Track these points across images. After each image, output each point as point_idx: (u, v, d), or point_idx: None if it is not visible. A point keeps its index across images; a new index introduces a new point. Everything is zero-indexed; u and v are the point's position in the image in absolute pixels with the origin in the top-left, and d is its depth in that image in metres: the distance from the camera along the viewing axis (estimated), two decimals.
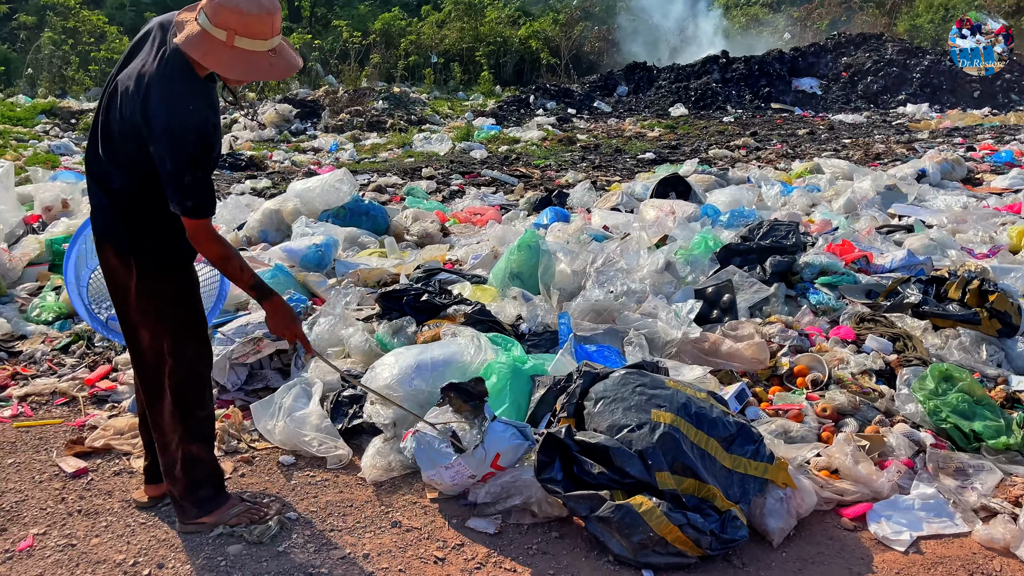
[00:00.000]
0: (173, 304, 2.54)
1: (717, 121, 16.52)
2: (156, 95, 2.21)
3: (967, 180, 8.41)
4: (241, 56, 2.21)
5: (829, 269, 4.38)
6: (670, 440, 2.70)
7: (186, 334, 2.58)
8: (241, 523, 2.76)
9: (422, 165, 10.66)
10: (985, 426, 3.19)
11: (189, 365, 2.60)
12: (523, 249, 4.23)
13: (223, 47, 2.19)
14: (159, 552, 2.67)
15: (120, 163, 2.38)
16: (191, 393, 2.62)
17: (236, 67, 2.22)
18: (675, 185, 6.67)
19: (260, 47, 2.23)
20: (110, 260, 2.50)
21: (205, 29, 2.18)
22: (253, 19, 2.18)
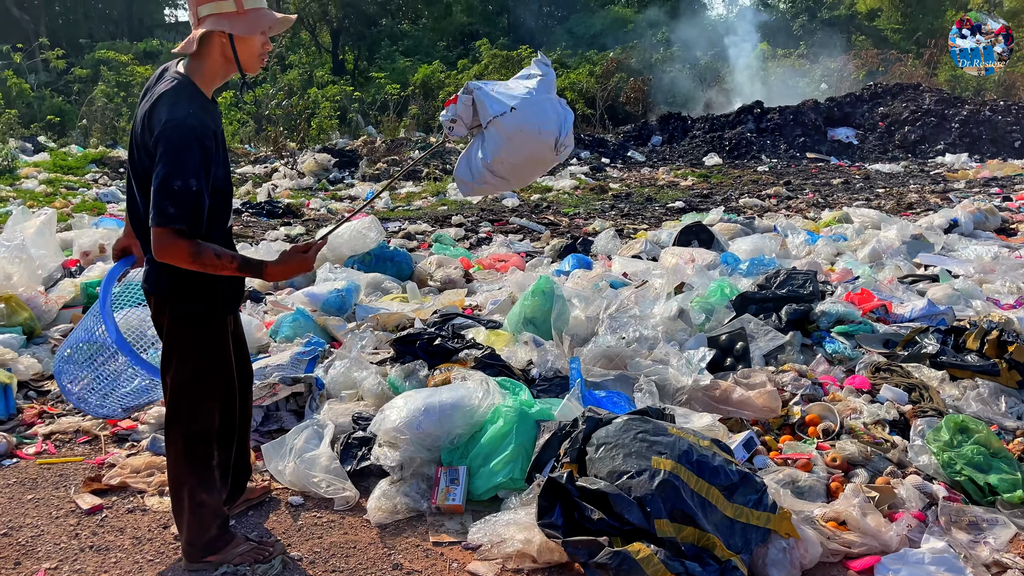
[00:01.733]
0: (202, 354, 2.61)
1: (751, 170, 16.53)
2: (161, 103, 2.34)
3: (1001, 230, 8.29)
4: (255, 14, 2.41)
5: (846, 318, 4.34)
6: (670, 487, 2.69)
7: (212, 385, 2.64)
8: (245, 562, 2.80)
9: (453, 213, 10.83)
10: (1001, 479, 3.12)
11: (208, 416, 2.66)
12: (537, 294, 4.28)
13: (236, 14, 2.38)
14: None
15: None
16: (206, 443, 2.67)
17: (256, 23, 2.41)
18: (698, 233, 6.70)
19: (261, 3, 2.44)
20: (152, 308, 2.62)
21: (214, 12, 2.36)
22: None
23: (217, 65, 2.46)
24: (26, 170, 13.57)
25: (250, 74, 2.52)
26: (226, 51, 2.43)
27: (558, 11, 38.48)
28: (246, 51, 2.44)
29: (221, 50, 2.43)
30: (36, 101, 20.87)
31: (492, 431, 3.25)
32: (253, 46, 2.45)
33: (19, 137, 17.26)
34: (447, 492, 3.15)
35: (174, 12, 39.26)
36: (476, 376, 3.50)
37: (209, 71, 2.46)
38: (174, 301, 2.54)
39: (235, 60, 2.44)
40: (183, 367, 2.60)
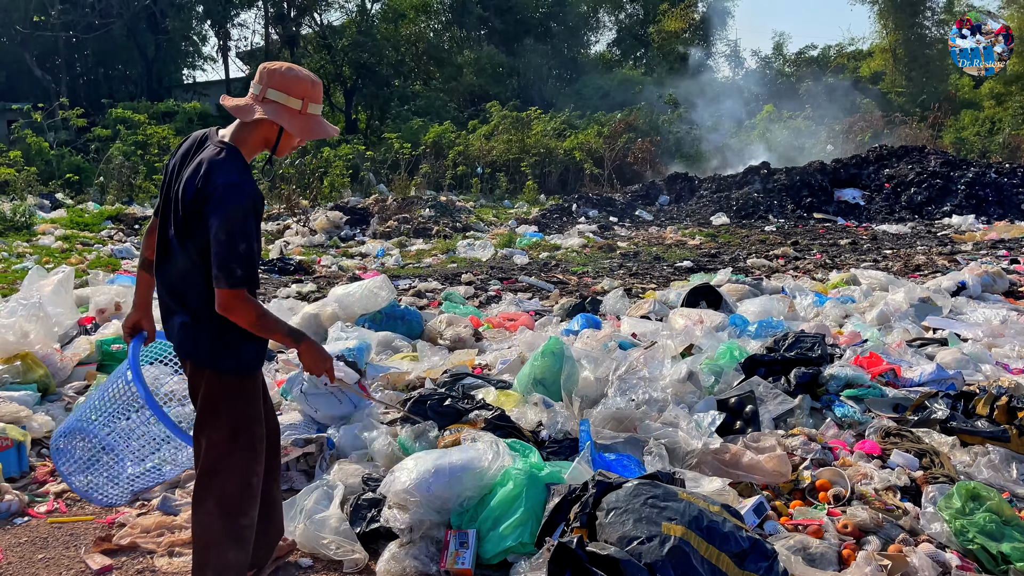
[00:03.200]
0: (236, 413, 2.66)
1: (759, 230, 16.66)
2: (217, 169, 2.45)
3: (1009, 293, 8.30)
4: (312, 119, 2.61)
5: (855, 382, 4.35)
6: (680, 554, 2.68)
7: (244, 445, 2.68)
8: None
9: (463, 271, 10.93)
10: (1014, 548, 3.09)
11: (241, 473, 2.69)
12: (547, 355, 4.32)
13: (298, 114, 2.57)
14: None
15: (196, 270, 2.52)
16: (239, 501, 2.69)
17: (311, 129, 2.61)
18: (706, 295, 6.74)
19: (318, 111, 2.64)
20: (190, 374, 2.69)
21: (280, 102, 2.54)
22: (317, 87, 2.63)
23: (259, 143, 2.63)
24: (43, 226, 13.80)
25: (276, 157, 2.73)
26: (270, 137, 2.61)
27: (567, 73, 39.35)
28: (287, 144, 2.64)
29: (266, 133, 2.60)
30: (55, 159, 21.30)
31: (502, 494, 3.25)
32: (293, 142, 2.65)
33: (37, 194, 17.58)
34: (456, 556, 3.14)
35: (191, 73, 40.27)
36: (486, 437, 3.51)
37: (252, 145, 2.61)
38: (215, 360, 2.60)
39: (273, 146, 2.64)
40: (223, 425, 2.65)
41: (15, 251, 11.45)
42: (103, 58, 35.36)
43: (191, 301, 2.59)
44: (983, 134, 28.62)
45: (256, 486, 2.75)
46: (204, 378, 2.62)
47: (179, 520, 3.57)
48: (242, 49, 38.04)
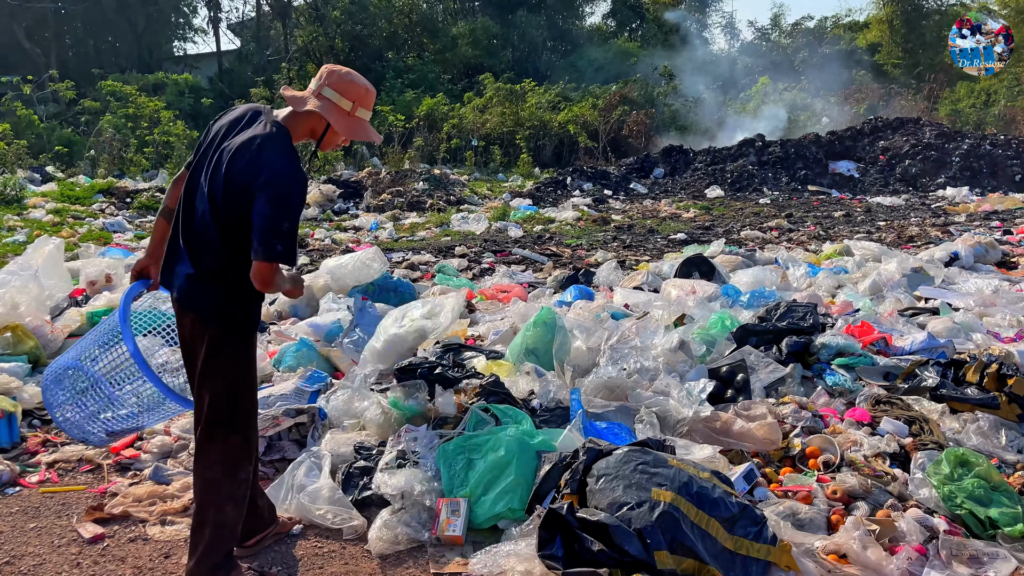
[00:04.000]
0: (238, 368, 2.74)
1: (753, 203, 16.63)
2: (271, 149, 2.55)
3: (1002, 263, 8.32)
4: (358, 124, 2.75)
5: (846, 350, 4.36)
6: (669, 519, 2.70)
7: (245, 398, 2.78)
8: None
9: (457, 244, 10.90)
10: (1002, 513, 3.12)
11: (243, 426, 2.79)
12: (539, 325, 4.31)
13: (346, 115, 2.71)
14: None
15: (223, 226, 2.60)
16: (240, 455, 2.79)
17: (356, 131, 2.74)
18: (699, 265, 6.73)
19: (367, 117, 2.79)
20: (189, 326, 2.72)
21: (332, 100, 2.68)
22: (370, 95, 2.78)
23: (306, 133, 2.74)
24: (34, 200, 13.70)
25: (320, 151, 2.89)
26: (317, 129, 2.73)
27: (561, 45, 38.99)
28: (332, 140, 2.78)
29: (315, 125, 2.72)
30: (45, 132, 21.11)
31: (492, 459, 3.26)
32: (337, 139, 2.79)
33: (28, 167, 17.43)
34: (448, 523, 3.15)
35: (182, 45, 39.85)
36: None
37: (300, 133, 2.72)
38: (222, 314, 2.67)
39: (319, 139, 2.76)
40: (230, 376, 2.72)
41: (5, 224, 11.37)
42: (93, 30, 34.94)
43: (204, 259, 2.65)
44: (979, 106, 28.48)
45: (254, 441, 2.86)
46: (208, 334, 2.67)
47: (171, 489, 3.58)
48: (233, 21, 37.67)
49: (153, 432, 4.12)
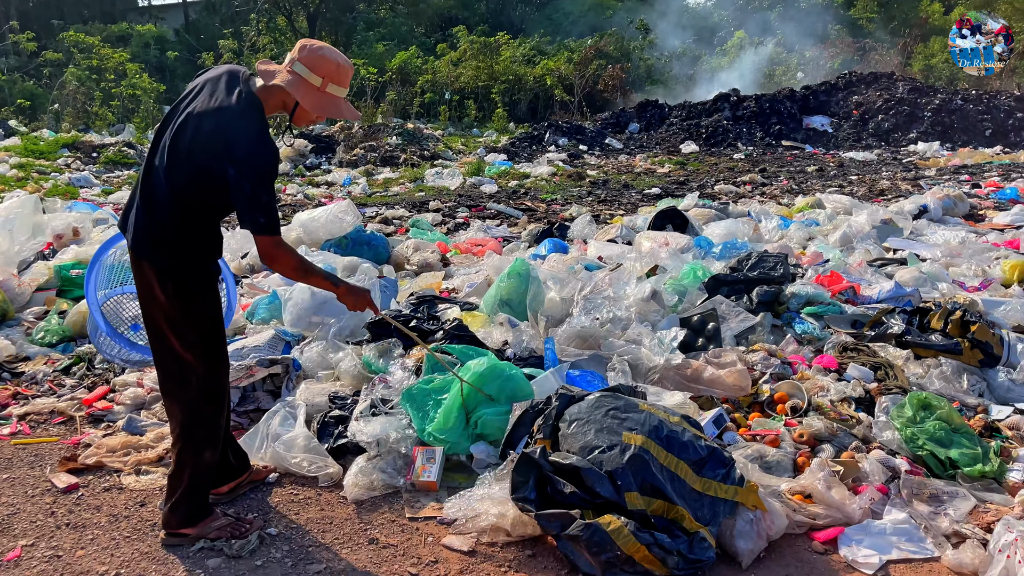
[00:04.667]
0: (198, 319, 2.73)
1: (728, 158, 16.65)
2: (241, 125, 2.55)
3: (970, 216, 8.44)
4: (329, 101, 2.68)
5: (815, 299, 4.43)
6: (639, 461, 2.75)
7: (208, 347, 2.77)
8: (222, 537, 2.84)
9: (431, 199, 10.83)
10: (961, 454, 3.22)
11: (211, 375, 2.78)
12: (513, 276, 4.33)
13: (316, 91, 2.66)
14: (141, 564, 2.74)
15: (177, 187, 2.59)
16: (211, 401, 2.80)
17: (325, 107, 2.69)
18: (672, 218, 6.76)
19: (341, 94, 2.72)
20: (146, 277, 2.68)
21: (302, 75, 2.63)
22: (343, 71, 2.70)
23: (277, 106, 2.72)
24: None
25: (294, 126, 2.87)
26: (288, 104, 2.70)
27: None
28: (301, 116, 2.74)
29: (285, 100, 2.69)
30: (6, 85, 20.52)
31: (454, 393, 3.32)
32: (309, 116, 2.74)
33: None
34: (423, 469, 3.19)
35: None
36: None
37: (272, 106, 2.70)
38: (180, 266, 2.65)
39: (289, 116, 2.75)
40: (195, 325, 2.71)
41: None
42: None
43: (158, 213, 2.63)
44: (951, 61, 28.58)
45: (226, 387, 2.86)
46: (163, 289, 2.65)
47: (145, 440, 3.58)
48: None
49: (126, 384, 4.10)
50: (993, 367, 3.85)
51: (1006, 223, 7.88)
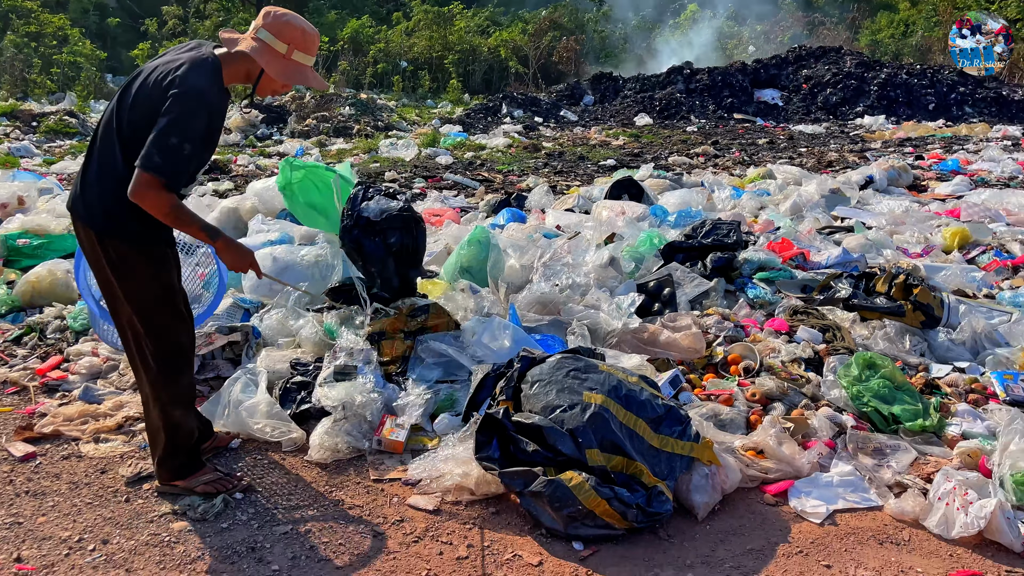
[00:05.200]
0: (150, 283, 2.68)
1: (681, 131, 16.82)
2: (190, 68, 2.48)
3: (913, 187, 8.70)
4: (295, 68, 2.63)
5: (767, 265, 4.55)
6: (600, 419, 2.83)
7: (165, 309, 2.72)
8: (210, 491, 2.88)
9: (386, 169, 10.76)
10: (904, 410, 3.37)
11: (169, 337, 2.75)
12: (473, 244, 4.36)
13: (282, 58, 2.61)
14: (104, 529, 2.74)
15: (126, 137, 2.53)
16: (173, 362, 2.77)
17: (291, 75, 2.63)
18: (628, 188, 6.85)
19: (307, 62, 2.67)
20: (94, 243, 2.62)
21: (267, 42, 2.59)
22: (309, 38, 2.65)
23: (240, 75, 2.65)
24: None
25: (257, 97, 2.76)
26: (252, 72, 2.64)
27: None
28: (266, 85, 2.68)
29: (249, 69, 2.63)
30: None
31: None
32: (274, 85, 2.68)
33: None
34: (392, 431, 3.24)
35: None
36: None
37: (234, 74, 2.63)
38: (119, 227, 2.59)
39: (253, 84, 2.67)
40: (144, 285, 2.66)
41: None
42: None
43: (105, 179, 2.59)
44: (897, 36, 29.18)
45: (187, 347, 2.82)
46: (113, 248, 2.61)
47: (103, 408, 3.55)
48: None
49: (80, 353, 4.05)
50: (934, 328, 4.02)
51: (947, 193, 8.16)
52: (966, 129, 16.06)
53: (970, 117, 18.67)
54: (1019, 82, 22.74)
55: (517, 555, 2.66)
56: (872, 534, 2.78)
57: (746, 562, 2.63)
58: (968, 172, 9.52)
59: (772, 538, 2.76)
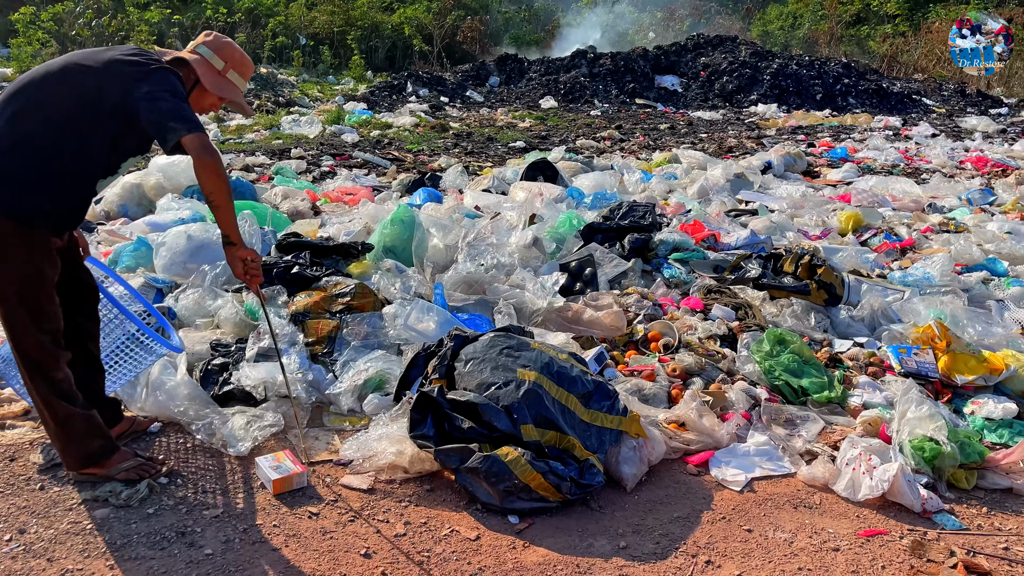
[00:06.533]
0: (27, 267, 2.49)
1: (585, 114, 17.05)
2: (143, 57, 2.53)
3: (807, 172, 9.16)
4: (228, 83, 2.77)
5: (681, 246, 4.72)
6: (534, 396, 2.89)
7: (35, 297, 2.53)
8: (131, 478, 2.76)
9: (291, 147, 10.48)
10: (811, 383, 3.59)
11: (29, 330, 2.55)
12: (396, 223, 4.33)
13: (217, 73, 2.75)
14: (20, 518, 2.62)
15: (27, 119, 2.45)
16: (40, 358, 2.58)
17: (224, 89, 2.75)
18: (543, 170, 6.93)
19: (240, 84, 2.82)
20: None
21: (205, 57, 2.73)
22: (246, 63, 2.83)
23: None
24: None
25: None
26: (186, 83, 2.66)
27: None
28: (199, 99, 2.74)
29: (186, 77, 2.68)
30: None
31: None
32: (207, 98, 2.76)
33: None
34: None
35: None
36: None
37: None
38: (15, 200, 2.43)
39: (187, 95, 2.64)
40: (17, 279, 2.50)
41: None
42: None
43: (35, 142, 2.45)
44: (786, 28, 30.42)
45: (49, 344, 2.58)
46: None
47: (5, 395, 3.36)
48: None
49: None
50: (836, 306, 4.28)
51: (838, 179, 8.63)
52: (851, 119, 16.96)
53: (854, 108, 19.70)
54: (896, 75, 24.20)
55: (454, 530, 2.69)
56: (787, 499, 2.96)
57: (673, 529, 2.76)
58: (856, 160, 10.08)
59: (696, 506, 2.89)
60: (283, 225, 5.05)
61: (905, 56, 25.63)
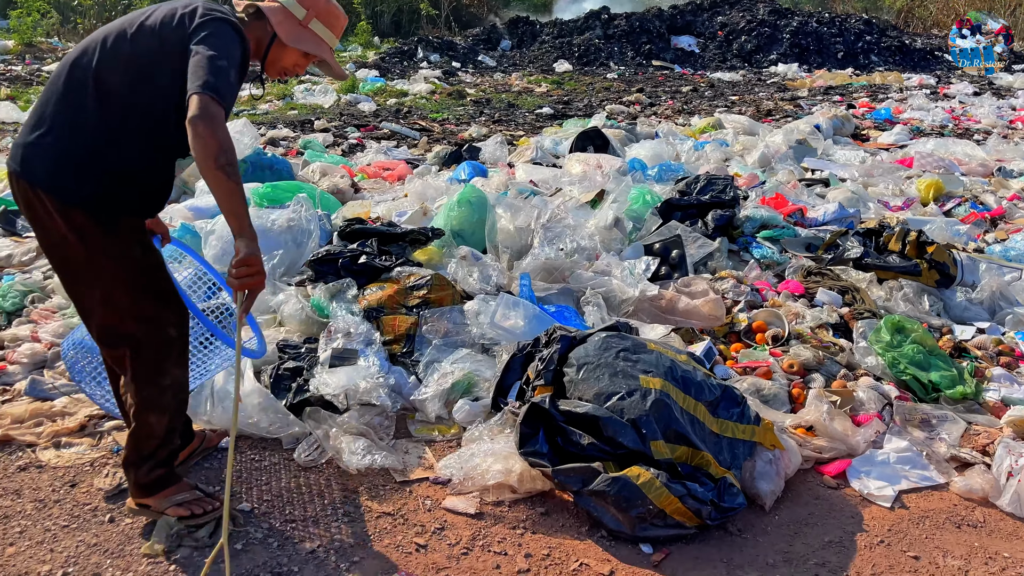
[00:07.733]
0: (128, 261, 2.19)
1: (602, 77, 16.53)
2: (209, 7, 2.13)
3: (855, 136, 8.73)
4: (310, 35, 2.32)
5: (769, 223, 4.35)
6: (662, 407, 2.55)
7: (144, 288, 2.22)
8: (183, 514, 2.39)
9: (310, 117, 10.05)
10: (941, 376, 3.24)
11: (150, 325, 2.24)
12: (464, 204, 3.96)
13: (297, 23, 2.30)
14: (91, 559, 2.29)
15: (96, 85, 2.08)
16: (154, 359, 2.27)
17: (304, 42, 2.31)
18: (594, 139, 6.51)
19: (327, 38, 2.36)
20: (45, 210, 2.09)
21: (284, 4, 2.29)
22: (333, 11, 2.37)
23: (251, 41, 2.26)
24: None
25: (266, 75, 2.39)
26: (261, 44, 2.30)
27: None
28: (276, 57, 2.32)
29: (259, 37, 2.29)
30: None
31: None
32: (283, 58, 2.33)
33: None
34: None
35: None
36: None
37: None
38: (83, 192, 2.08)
39: (264, 54, 2.31)
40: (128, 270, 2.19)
41: None
42: None
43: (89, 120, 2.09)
44: None
45: (176, 339, 2.30)
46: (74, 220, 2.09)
47: (58, 406, 3.02)
48: None
49: (16, 339, 3.47)
50: (948, 287, 3.92)
51: (890, 143, 8.20)
52: (880, 77, 16.43)
53: (876, 65, 19.13)
54: (916, 31, 23.55)
55: (583, 563, 2.37)
56: (946, 516, 2.63)
57: (829, 557, 2.43)
58: (902, 121, 9.64)
59: (847, 527, 2.56)
60: (332, 207, 4.67)
61: (920, 11, 24.94)
